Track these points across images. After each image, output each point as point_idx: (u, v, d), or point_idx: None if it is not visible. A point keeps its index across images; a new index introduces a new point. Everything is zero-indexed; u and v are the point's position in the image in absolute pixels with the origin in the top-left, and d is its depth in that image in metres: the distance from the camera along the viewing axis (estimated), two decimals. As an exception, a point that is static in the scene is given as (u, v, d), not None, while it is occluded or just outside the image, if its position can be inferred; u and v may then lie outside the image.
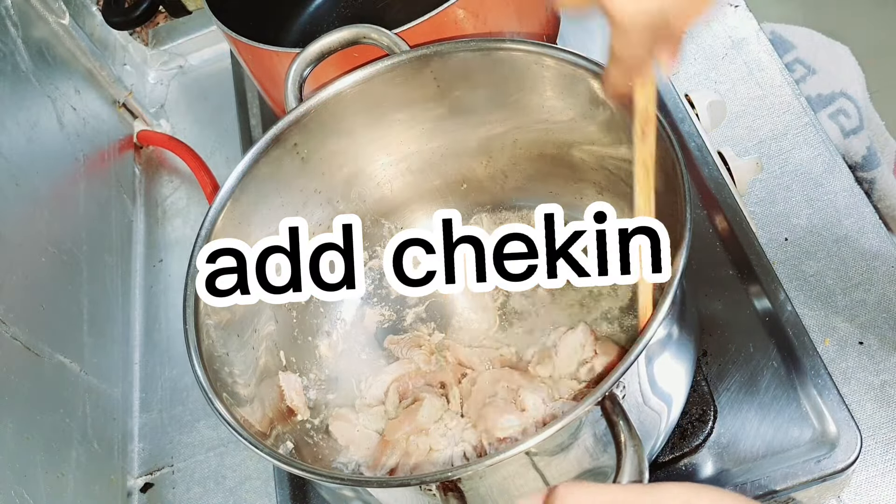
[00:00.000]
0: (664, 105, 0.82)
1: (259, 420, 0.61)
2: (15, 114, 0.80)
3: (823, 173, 0.79)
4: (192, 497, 0.78)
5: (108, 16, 0.90)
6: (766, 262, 0.71)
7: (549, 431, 0.47)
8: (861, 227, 0.75)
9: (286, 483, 0.72)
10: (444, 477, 0.49)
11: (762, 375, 0.67)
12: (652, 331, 0.49)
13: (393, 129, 0.70)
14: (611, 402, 0.48)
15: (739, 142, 0.83)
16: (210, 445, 0.80)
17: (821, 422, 0.64)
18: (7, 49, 0.82)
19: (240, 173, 0.64)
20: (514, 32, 0.77)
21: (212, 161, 0.98)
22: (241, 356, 0.63)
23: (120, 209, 0.95)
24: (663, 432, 0.60)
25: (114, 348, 0.85)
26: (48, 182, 0.82)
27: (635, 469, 0.46)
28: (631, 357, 0.48)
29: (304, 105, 0.65)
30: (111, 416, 0.81)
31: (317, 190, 0.70)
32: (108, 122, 0.99)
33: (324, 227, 0.54)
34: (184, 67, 1.12)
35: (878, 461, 0.65)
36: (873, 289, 0.72)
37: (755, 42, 0.89)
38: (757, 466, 0.63)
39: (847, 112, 1.19)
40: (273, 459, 0.52)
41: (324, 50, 0.66)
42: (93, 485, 0.74)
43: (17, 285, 0.72)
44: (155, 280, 0.93)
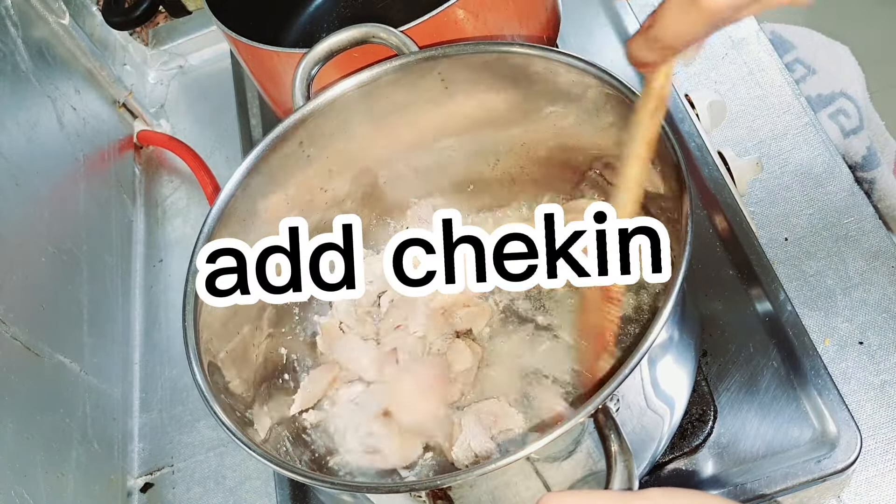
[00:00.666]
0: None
1: (258, 420, 0.61)
2: (15, 114, 0.80)
3: (823, 173, 0.79)
4: (192, 497, 0.78)
5: (108, 16, 0.89)
6: (766, 262, 0.71)
7: (542, 442, 0.47)
8: (861, 227, 0.75)
9: (286, 483, 0.72)
10: (434, 485, 0.49)
11: (762, 375, 0.67)
12: (649, 342, 0.48)
13: (399, 129, 0.70)
14: (603, 416, 0.48)
15: (739, 142, 0.83)
16: (210, 445, 0.80)
17: (821, 422, 0.64)
18: (7, 49, 0.82)
19: (245, 170, 0.63)
20: (515, 33, 0.77)
21: (212, 161, 0.98)
22: (241, 355, 0.63)
23: (120, 209, 0.95)
24: (666, 434, 0.60)
25: (114, 348, 0.85)
26: (48, 182, 0.82)
27: (624, 483, 0.46)
28: (626, 370, 0.47)
29: (311, 103, 0.65)
30: (111, 416, 0.81)
31: (322, 188, 0.70)
32: (108, 122, 0.99)
33: (329, 226, 0.54)
34: (184, 67, 1.12)
35: (878, 461, 0.65)
36: (873, 289, 0.72)
37: (755, 42, 0.89)
38: (757, 466, 0.63)
39: (847, 112, 1.18)
40: (267, 462, 0.52)
41: (332, 49, 0.65)
42: (93, 485, 0.74)
43: (17, 285, 0.72)
44: (155, 280, 0.93)
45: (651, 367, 0.55)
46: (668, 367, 0.58)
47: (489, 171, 0.75)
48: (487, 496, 0.52)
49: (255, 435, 0.59)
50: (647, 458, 0.59)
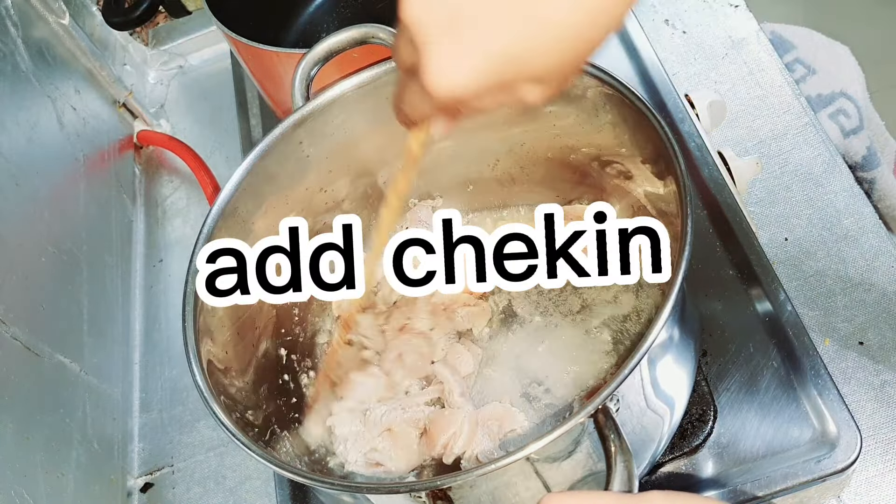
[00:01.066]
0: (664, 105, 0.82)
1: (257, 420, 0.61)
2: (15, 114, 0.80)
3: (823, 173, 0.79)
4: (192, 497, 0.78)
5: (108, 16, 0.89)
6: (766, 262, 0.71)
7: (542, 442, 0.47)
8: (861, 227, 0.75)
9: (286, 483, 0.72)
10: (434, 485, 0.49)
11: (762, 375, 0.67)
12: (649, 342, 0.48)
13: (399, 129, 0.70)
14: (603, 416, 0.48)
15: (739, 142, 0.83)
16: (210, 445, 0.80)
17: (821, 422, 0.64)
18: (7, 49, 0.82)
19: (244, 171, 0.63)
20: (515, 33, 0.77)
21: (212, 161, 0.98)
22: (240, 355, 0.63)
23: (120, 209, 0.95)
24: (666, 434, 0.60)
25: (114, 348, 0.85)
26: (48, 182, 0.82)
27: (624, 484, 0.46)
28: (625, 371, 0.47)
29: (311, 104, 0.65)
30: (111, 416, 0.81)
31: (322, 188, 0.70)
32: (108, 122, 0.99)
33: (329, 227, 0.54)
34: (184, 67, 1.12)
35: (878, 461, 0.65)
36: (873, 289, 0.72)
37: (755, 42, 0.89)
38: (757, 466, 0.63)
39: (847, 112, 1.18)
40: (267, 462, 0.52)
41: (332, 49, 0.65)
42: (93, 485, 0.74)
43: (17, 285, 0.72)
44: (155, 280, 0.93)
45: (651, 367, 0.55)
46: (668, 367, 0.58)
47: (489, 171, 0.75)
48: (487, 496, 0.52)
49: (255, 436, 0.59)
50: (647, 459, 0.59)
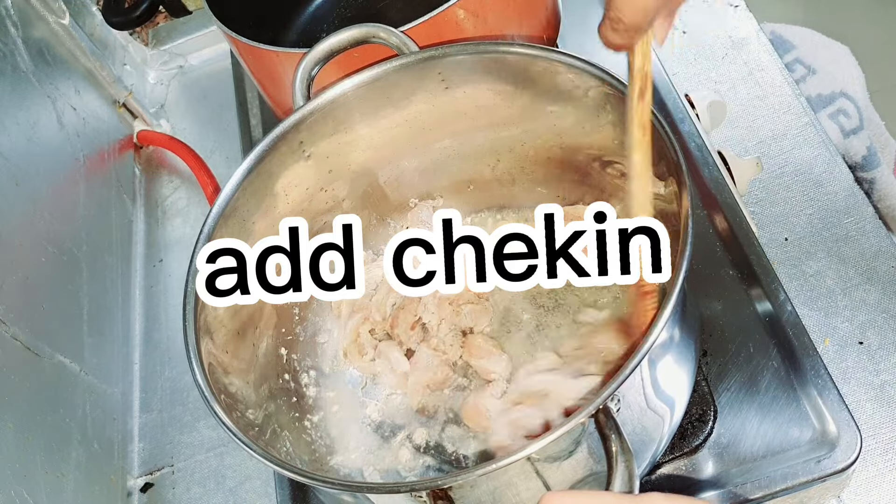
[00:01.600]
0: (664, 105, 0.82)
1: (258, 420, 0.61)
2: (15, 114, 0.80)
3: (823, 173, 0.79)
4: (192, 497, 0.78)
5: (108, 16, 0.89)
6: (766, 262, 0.71)
7: (542, 442, 0.46)
8: (861, 227, 0.75)
9: (286, 483, 0.72)
10: (435, 485, 0.49)
11: (762, 375, 0.67)
12: (649, 343, 0.48)
13: (400, 129, 0.70)
14: (604, 416, 0.47)
15: (739, 142, 0.83)
16: (210, 445, 0.80)
17: (821, 422, 0.64)
18: (7, 49, 0.82)
19: (244, 171, 0.63)
20: (515, 33, 0.77)
21: (212, 161, 0.98)
22: (241, 355, 0.63)
23: (120, 209, 0.95)
24: (666, 435, 0.59)
25: (114, 348, 0.85)
26: (48, 182, 0.82)
27: (625, 484, 0.46)
28: (626, 371, 0.47)
29: (312, 103, 0.65)
30: (111, 416, 0.81)
31: (322, 188, 0.70)
32: (108, 122, 0.99)
33: (329, 226, 0.54)
34: (184, 67, 1.12)
35: (878, 461, 0.65)
36: (873, 289, 0.72)
37: (755, 42, 0.89)
38: (757, 466, 0.63)
39: (847, 112, 1.19)
40: (267, 462, 0.52)
41: (333, 48, 0.65)
42: (93, 485, 0.74)
43: (17, 285, 0.72)
44: (155, 280, 0.93)
45: (651, 367, 0.55)
46: (668, 368, 0.58)
47: (489, 171, 0.75)
48: (488, 496, 0.52)
49: (256, 435, 0.59)
50: (647, 459, 0.59)
